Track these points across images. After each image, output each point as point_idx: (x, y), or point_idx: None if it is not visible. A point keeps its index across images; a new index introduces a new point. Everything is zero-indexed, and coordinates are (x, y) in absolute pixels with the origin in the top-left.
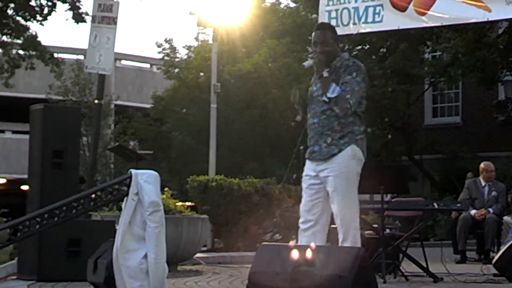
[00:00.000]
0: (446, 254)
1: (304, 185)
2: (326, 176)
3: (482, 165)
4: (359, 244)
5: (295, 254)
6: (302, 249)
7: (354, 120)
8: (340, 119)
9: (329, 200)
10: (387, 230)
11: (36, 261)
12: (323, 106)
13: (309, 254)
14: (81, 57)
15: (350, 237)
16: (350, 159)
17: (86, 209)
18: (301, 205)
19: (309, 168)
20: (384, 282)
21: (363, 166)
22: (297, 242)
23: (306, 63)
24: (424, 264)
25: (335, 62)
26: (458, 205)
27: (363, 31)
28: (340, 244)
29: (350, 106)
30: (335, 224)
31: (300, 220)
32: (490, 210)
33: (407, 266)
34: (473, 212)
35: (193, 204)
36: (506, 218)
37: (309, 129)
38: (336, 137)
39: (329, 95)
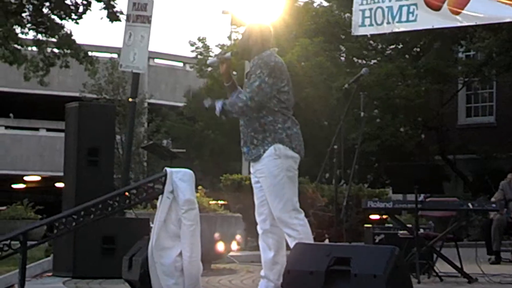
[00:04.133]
0: (480, 255)
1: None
2: (259, 177)
3: None
4: (303, 237)
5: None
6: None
7: (275, 118)
8: (260, 119)
9: None
10: (421, 230)
11: (72, 258)
12: None
13: None
14: (114, 55)
15: (293, 234)
16: (273, 158)
17: (122, 207)
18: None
19: (251, 168)
20: (418, 282)
21: (396, 166)
22: (329, 241)
23: (209, 60)
24: (458, 265)
25: (252, 61)
26: (493, 205)
27: (397, 30)
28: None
29: (245, 100)
30: (368, 224)
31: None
32: None
33: (441, 266)
34: None
35: (225, 202)
36: None
37: (240, 132)
38: (259, 137)
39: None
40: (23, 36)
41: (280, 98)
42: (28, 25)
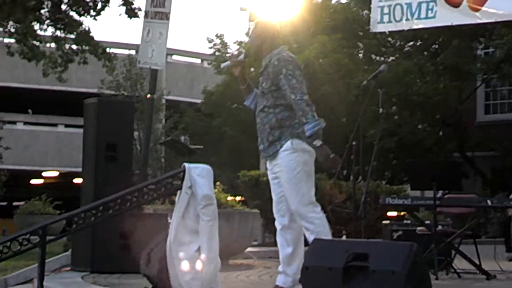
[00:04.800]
0: (498, 252)
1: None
2: (277, 172)
3: None
4: (321, 231)
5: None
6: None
7: (291, 114)
8: (277, 115)
9: None
10: (439, 227)
11: (90, 253)
12: (261, 104)
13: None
14: (132, 52)
15: (311, 227)
16: (290, 153)
17: (140, 202)
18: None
19: (268, 165)
20: (437, 279)
21: (415, 162)
22: (347, 237)
23: (223, 64)
24: (476, 261)
25: (264, 60)
26: None
27: (415, 27)
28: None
29: (299, 99)
30: (386, 221)
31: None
32: None
33: (459, 263)
34: None
35: (242, 198)
36: None
37: (257, 129)
38: (276, 133)
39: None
40: (41, 33)
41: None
42: (47, 21)
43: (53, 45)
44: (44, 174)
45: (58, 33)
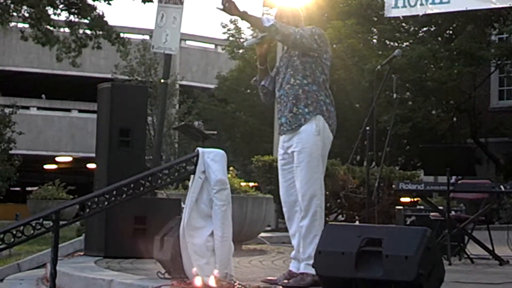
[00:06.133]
0: (511, 238)
1: (278, 166)
2: (292, 152)
3: None
4: (318, 223)
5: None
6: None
7: (319, 89)
8: (304, 86)
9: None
10: (453, 212)
11: (103, 238)
12: (287, 76)
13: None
14: (146, 37)
15: (310, 214)
16: (314, 135)
17: (154, 187)
18: (280, 190)
19: (280, 146)
20: (450, 264)
21: (429, 148)
22: (360, 223)
23: (246, 42)
24: (489, 247)
25: None
26: None
27: (430, 12)
28: (300, 222)
29: (296, 32)
30: (399, 206)
31: (283, 207)
32: None
33: (472, 249)
34: None
35: (256, 184)
36: None
37: (277, 103)
38: (301, 105)
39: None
40: (55, 17)
41: (324, 69)
42: (61, 6)
43: (67, 30)
44: (57, 159)
45: (72, 17)
